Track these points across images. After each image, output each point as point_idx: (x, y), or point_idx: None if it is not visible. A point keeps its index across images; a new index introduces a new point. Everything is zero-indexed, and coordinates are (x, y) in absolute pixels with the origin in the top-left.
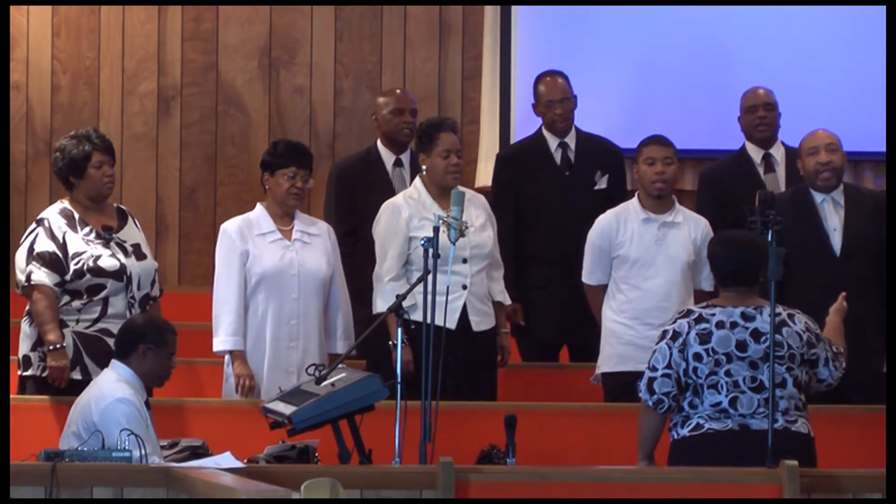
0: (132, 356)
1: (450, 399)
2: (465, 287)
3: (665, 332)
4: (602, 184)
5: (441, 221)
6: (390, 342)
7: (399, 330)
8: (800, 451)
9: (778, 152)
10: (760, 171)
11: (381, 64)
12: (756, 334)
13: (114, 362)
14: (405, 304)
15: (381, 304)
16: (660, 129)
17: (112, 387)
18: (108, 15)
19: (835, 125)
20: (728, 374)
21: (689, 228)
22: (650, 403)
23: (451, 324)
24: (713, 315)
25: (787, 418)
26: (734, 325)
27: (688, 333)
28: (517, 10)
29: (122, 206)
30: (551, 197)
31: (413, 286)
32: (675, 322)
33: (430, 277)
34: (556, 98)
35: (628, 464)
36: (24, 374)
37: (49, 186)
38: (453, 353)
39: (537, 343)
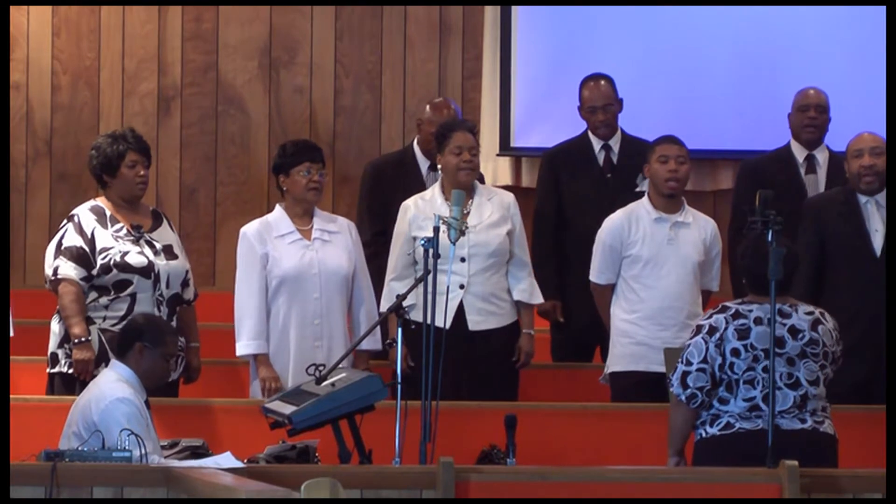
0: (129, 355)
1: (447, 398)
2: (462, 286)
3: (700, 327)
4: (643, 187)
5: (441, 221)
6: (387, 341)
7: (399, 329)
8: (827, 452)
9: (822, 155)
10: (802, 171)
11: (381, 64)
12: (793, 331)
13: (113, 362)
14: (408, 303)
15: (383, 303)
16: (659, 129)
17: (112, 386)
18: (108, 15)
19: (835, 125)
20: (766, 370)
21: (699, 228)
22: (683, 398)
23: (446, 323)
24: (750, 311)
25: (816, 419)
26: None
27: (725, 329)
28: (517, 10)
29: (159, 210)
30: (592, 198)
31: (413, 286)
32: (710, 317)
33: (429, 277)
34: (598, 104)
35: (628, 464)
36: (52, 371)
37: (49, 186)
38: (446, 351)
39: (573, 342)
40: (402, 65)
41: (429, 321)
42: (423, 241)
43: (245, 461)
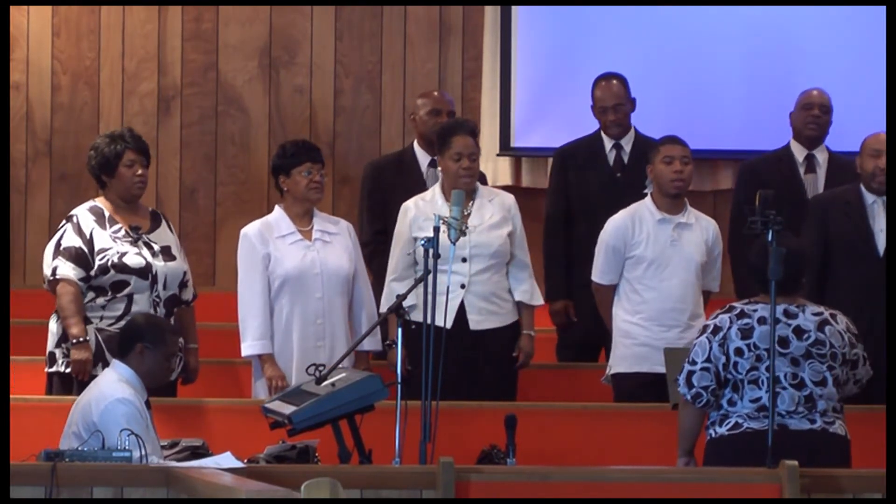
0: (130, 355)
1: (447, 398)
2: (462, 286)
3: (706, 327)
4: (652, 188)
5: (441, 221)
6: (387, 342)
7: (399, 330)
8: (836, 453)
9: (821, 155)
10: (801, 170)
11: (381, 64)
12: (798, 331)
13: (114, 362)
14: (408, 303)
15: (384, 303)
16: (659, 129)
17: (112, 387)
18: (108, 15)
19: (838, 126)
20: (769, 370)
21: (702, 229)
22: (688, 397)
23: (447, 323)
24: (755, 311)
25: (826, 419)
26: (776, 321)
27: (729, 328)
28: (517, 10)
29: (159, 211)
30: (601, 197)
31: (413, 286)
32: (716, 317)
33: (429, 277)
34: (608, 104)
35: (629, 464)
36: (50, 370)
37: (49, 186)
38: (447, 351)
39: (578, 342)
40: (402, 65)
41: (429, 321)
42: (423, 242)
43: (245, 461)
